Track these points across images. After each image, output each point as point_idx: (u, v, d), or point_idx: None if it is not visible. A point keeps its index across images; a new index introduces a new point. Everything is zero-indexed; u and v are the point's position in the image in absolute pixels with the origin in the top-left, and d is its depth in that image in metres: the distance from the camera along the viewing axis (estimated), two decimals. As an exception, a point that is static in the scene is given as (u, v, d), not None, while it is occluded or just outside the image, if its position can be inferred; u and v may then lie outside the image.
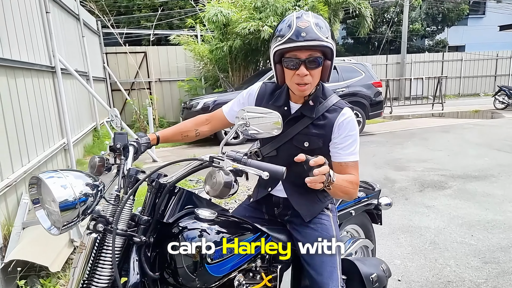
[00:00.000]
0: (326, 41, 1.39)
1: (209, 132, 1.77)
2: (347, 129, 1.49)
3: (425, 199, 4.45)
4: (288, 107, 1.57)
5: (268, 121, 1.27)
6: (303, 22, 1.39)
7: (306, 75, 1.41)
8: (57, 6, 6.38)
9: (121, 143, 1.44)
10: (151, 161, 6.48)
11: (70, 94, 6.55)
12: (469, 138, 7.94)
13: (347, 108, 1.53)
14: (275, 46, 1.43)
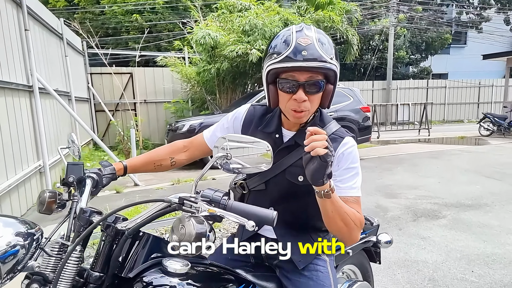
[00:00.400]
0: (330, 62, 1.19)
1: (186, 161, 1.54)
2: (348, 160, 1.27)
3: (419, 230, 4.24)
4: (280, 135, 1.36)
5: (255, 152, 1.05)
6: (304, 38, 1.18)
7: (304, 100, 1.21)
8: (39, 24, 6.19)
9: (75, 175, 1.21)
10: (132, 185, 6.16)
11: (50, 114, 6.27)
12: (459, 164, 7.86)
13: (348, 137, 1.31)
14: (269, 65, 1.22)
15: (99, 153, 8.52)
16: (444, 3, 23.86)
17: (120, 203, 5.08)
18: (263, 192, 1.37)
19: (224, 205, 0.96)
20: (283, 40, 1.21)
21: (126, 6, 14.95)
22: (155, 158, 1.48)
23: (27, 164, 4.98)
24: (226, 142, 1.05)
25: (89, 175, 1.24)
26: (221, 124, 1.48)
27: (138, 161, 1.46)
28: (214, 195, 0.98)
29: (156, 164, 1.48)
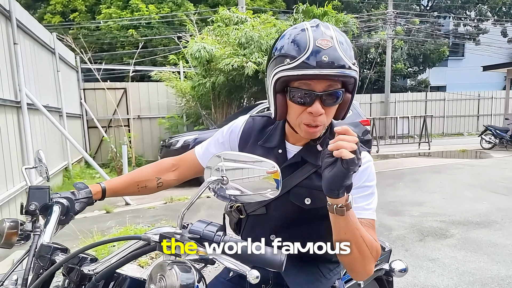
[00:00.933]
0: (353, 68, 0.99)
1: (175, 181, 1.33)
2: (363, 177, 1.08)
3: (427, 251, 3.97)
4: (284, 150, 1.17)
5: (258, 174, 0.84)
6: (324, 39, 0.98)
7: (321, 114, 1.02)
8: (29, 38, 6.01)
9: (38, 202, 1.01)
10: (123, 204, 5.89)
11: (39, 131, 6.06)
12: (462, 179, 7.61)
13: (364, 152, 1.10)
14: (280, 71, 1.00)
15: (90, 171, 8.25)
16: (441, 15, 24.00)
17: (109, 224, 4.80)
18: (263, 217, 1.18)
19: (217, 244, 0.78)
20: (296, 41, 1.00)
21: (122, 22, 14.91)
22: (139, 179, 1.27)
23: (12, 184, 4.72)
24: (221, 162, 0.86)
25: (58, 201, 1.04)
26: (215, 139, 1.29)
27: (119, 183, 1.26)
28: (206, 230, 0.80)
29: (140, 185, 1.27)
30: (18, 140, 5.08)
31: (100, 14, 15.30)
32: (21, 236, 1.00)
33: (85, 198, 1.13)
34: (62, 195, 1.08)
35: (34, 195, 1.02)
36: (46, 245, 0.92)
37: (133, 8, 15.10)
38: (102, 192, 1.20)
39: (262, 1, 17.69)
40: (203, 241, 0.78)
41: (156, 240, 0.79)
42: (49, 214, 1.01)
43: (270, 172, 0.84)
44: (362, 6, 21.78)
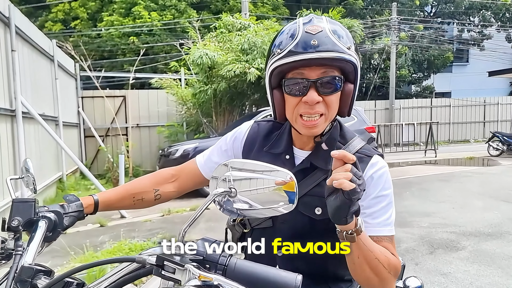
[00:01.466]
0: (348, 52, 0.94)
1: (175, 193, 1.23)
2: (378, 186, 1.01)
3: (438, 264, 3.77)
4: (291, 155, 1.10)
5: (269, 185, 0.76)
6: (314, 26, 0.95)
7: (318, 102, 0.96)
8: (28, 45, 5.92)
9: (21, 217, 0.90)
10: (118, 217, 5.67)
11: (33, 141, 5.91)
12: (471, 187, 7.39)
13: (377, 156, 1.05)
14: (272, 63, 0.98)
15: (85, 182, 8.04)
16: (445, 22, 23.89)
17: (103, 238, 4.59)
18: (270, 231, 1.09)
19: (224, 267, 0.70)
20: (288, 34, 0.98)
21: (124, 29, 14.87)
22: (135, 191, 1.18)
23: (3, 197, 4.55)
24: (229, 171, 0.78)
25: (44, 215, 0.94)
26: (218, 147, 1.22)
27: (113, 195, 1.16)
28: (210, 250, 0.72)
29: (136, 198, 1.17)
30: (11, 150, 4.92)
31: (101, 22, 15.27)
32: (2, 255, 0.89)
33: (75, 212, 1.03)
34: (49, 208, 0.98)
35: (18, 209, 0.91)
36: (27, 267, 0.81)
37: (136, 15, 15.06)
38: (95, 205, 1.10)
39: (266, 7, 17.64)
40: (207, 263, 0.70)
41: (153, 262, 0.70)
42: (33, 230, 0.90)
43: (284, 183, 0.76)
44: (366, 12, 21.71)
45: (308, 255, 1.05)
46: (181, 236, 0.72)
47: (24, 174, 1.11)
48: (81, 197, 1.08)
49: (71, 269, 0.76)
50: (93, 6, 15.49)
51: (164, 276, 0.71)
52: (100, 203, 1.11)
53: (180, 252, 0.71)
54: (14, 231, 0.90)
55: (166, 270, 0.70)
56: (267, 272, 0.70)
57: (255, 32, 8.90)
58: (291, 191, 0.76)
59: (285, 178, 0.76)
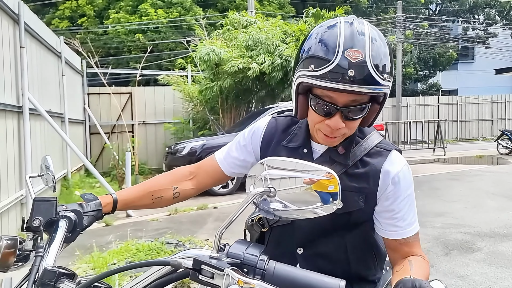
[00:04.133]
0: (382, 84, 0.90)
1: (194, 191, 1.20)
2: (405, 187, 1.01)
3: (454, 266, 3.68)
4: (309, 149, 1.09)
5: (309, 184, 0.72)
6: (354, 52, 0.87)
7: (340, 128, 0.95)
8: (36, 41, 5.89)
9: (43, 216, 0.86)
10: (124, 216, 5.59)
11: (39, 137, 5.87)
12: (483, 186, 7.29)
13: (395, 152, 1.05)
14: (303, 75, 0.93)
15: (90, 179, 7.97)
16: (450, 19, 23.72)
17: (109, 238, 4.52)
18: (289, 228, 1.08)
19: (262, 271, 0.68)
20: (324, 43, 0.91)
21: (130, 26, 14.84)
22: (154, 188, 1.15)
23: (7, 194, 4.48)
24: (266, 170, 0.75)
25: (64, 215, 0.91)
26: (236, 142, 1.21)
27: (132, 193, 1.14)
28: (247, 253, 0.69)
29: (155, 196, 1.14)
30: (16, 146, 4.88)
31: (108, 19, 15.27)
32: (19, 256, 0.86)
33: (94, 211, 1.00)
34: (69, 207, 0.95)
35: (39, 209, 0.87)
36: (50, 270, 0.77)
37: (142, 13, 15.05)
38: (114, 204, 1.06)
39: (272, 6, 17.56)
40: (245, 267, 0.68)
41: (189, 266, 0.68)
42: (54, 230, 0.87)
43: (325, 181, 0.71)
44: (371, 10, 21.58)
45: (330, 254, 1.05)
46: (217, 239, 0.69)
47: (44, 171, 1.08)
48: (99, 195, 1.06)
49: (101, 273, 0.75)
50: (100, 3, 15.50)
51: (201, 281, 0.68)
52: (118, 202, 1.07)
53: (216, 255, 0.68)
54: (35, 232, 0.87)
55: (204, 274, 0.67)
56: (309, 277, 0.67)
57: (259, 28, 8.91)
58: (333, 191, 0.71)
59: (326, 176, 0.72)
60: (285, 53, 8.20)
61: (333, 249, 1.06)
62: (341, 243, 1.07)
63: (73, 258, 3.59)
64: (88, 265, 3.37)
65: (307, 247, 1.06)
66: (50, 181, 1.06)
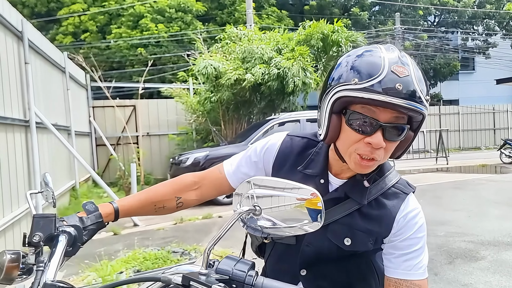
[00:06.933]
0: (425, 104, 0.88)
1: (197, 201, 1.17)
2: (412, 228, 0.98)
3: (458, 275, 3.67)
4: (326, 180, 1.03)
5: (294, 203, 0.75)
6: (401, 67, 0.86)
7: (380, 147, 0.89)
8: (40, 57, 6.01)
9: (43, 232, 0.89)
10: (131, 225, 5.65)
11: (46, 150, 5.96)
12: (486, 195, 7.28)
13: (412, 196, 1.02)
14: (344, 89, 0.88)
15: (97, 190, 8.08)
16: (449, 31, 23.91)
17: (117, 247, 4.57)
18: (294, 248, 1.05)
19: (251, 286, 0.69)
20: (367, 60, 0.88)
21: (132, 41, 15.05)
22: (157, 198, 1.12)
23: (18, 205, 4.56)
24: (252, 189, 0.77)
25: (64, 230, 0.92)
26: (246, 157, 1.15)
27: (134, 202, 1.11)
28: (235, 269, 0.70)
29: (158, 206, 1.12)
30: (25, 159, 4.96)
31: (110, 34, 15.48)
32: (22, 270, 0.87)
33: (94, 224, 0.99)
34: (69, 222, 0.96)
35: (39, 225, 0.90)
36: (50, 284, 0.80)
37: (143, 27, 15.27)
38: (115, 214, 1.05)
39: (271, 19, 17.78)
40: (233, 282, 0.69)
41: (179, 282, 0.70)
42: (54, 245, 0.89)
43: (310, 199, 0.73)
44: (370, 23, 21.79)
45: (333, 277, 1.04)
46: (205, 256, 0.71)
47: (44, 188, 1.10)
48: (100, 204, 1.05)
49: None
50: (102, 19, 15.72)
51: None
52: (120, 211, 1.06)
53: (205, 271, 0.70)
54: (35, 246, 0.89)
55: None
56: None
57: (249, 40, 9.14)
58: (316, 208, 0.73)
59: (309, 195, 0.74)
60: (283, 64, 8.34)
61: (336, 272, 1.05)
62: (344, 267, 1.06)
63: (82, 266, 3.62)
64: (96, 273, 3.41)
65: (310, 270, 1.05)
66: (50, 197, 1.08)
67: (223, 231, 0.72)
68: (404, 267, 0.96)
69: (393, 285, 0.97)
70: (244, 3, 14.54)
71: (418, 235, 0.97)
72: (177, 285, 0.71)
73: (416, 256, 0.96)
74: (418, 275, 0.95)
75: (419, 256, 0.97)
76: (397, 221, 0.97)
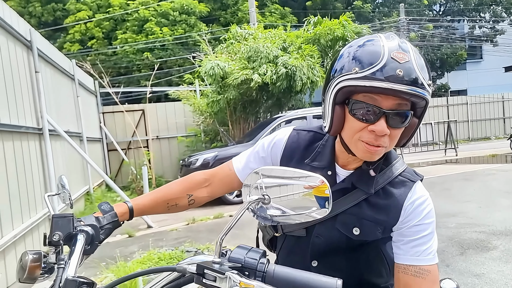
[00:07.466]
0: (427, 89, 0.89)
1: (208, 198, 1.21)
2: (419, 214, 0.98)
3: (470, 265, 3.69)
4: (334, 172, 1.05)
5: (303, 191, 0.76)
6: (400, 52, 0.87)
7: (385, 135, 0.90)
8: (50, 66, 6.12)
9: (62, 231, 0.92)
10: (145, 227, 5.77)
11: (60, 156, 6.08)
12: (496, 186, 7.24)
13: (420, 184, 1.03)
14: (345, 79, 0.90)
15: (111, 194, 8.22)
16: (455, 19, 23.61)
17: (132, 248, 4.69)
18: (304, 240, 1.07)
19: (263, 273, 0.70)
20: (367, 49, 0.90)
21: (137, 45, 15.19)
22: (169, 197, 1.15)
23: (36, 211, 4.70)
24: (260, 179, 0.78)
25: (82, 229, 0.96)
26: (254, 152, 1.17)
27: (147, 201, 1.14)
28: (247, 257, 0.72)
29: (170, 204, 1.15)
30: (40, 166, 5.08)
31: (116, 40, 15.65)
32: (44, 269, 0.91)
33: (111, 223, 1.03)
34: (86, 222, 1.00)
35: (58, 224, 0.94)
36: (71, 280, 0.83)
37: (148, 31, 15.41)
38: (130, 213, 1.09)
39: (274, 17, 17.79)
40: (246, 270, 0.70)
41: (193, 271, 0.72)
42: (73, 244, 0.93)
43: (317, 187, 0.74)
44: (374, 15, 21.65)
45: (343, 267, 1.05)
46: (218, 245, 0.72)
47: (60, 190, 1.13)
48: (115, 204, 1.09)
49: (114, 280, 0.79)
50: (107, 25, 15.89)
51: (205, 284, 0.71)
52: (135, 211, 1.10)
53: (218, 260, 0.72)
54: (55, 246, 0.93)
55: (207, 278, 0.71)
56: (307, 277, 0.70)
57: (254, 39, 9.13)
58: (324, 196, 0.74)
59: (317, 182, 0.75)
60: (291, 62, 8.34)
61: (346, 263, 1.06)
62: (354, 257, 1.07)
63: (99, 268, 3.72)
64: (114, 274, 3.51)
65: (321, 261, 1.06)
66: (67, 199, 1.11)
67: (234, 220, 0.73)
68: (413, 253, 0.96)
69: (402, 271, 0.97)
70: (246, 2, 14.59)
71: (426, 221, 0.97)
72: (192, 274, 0.73)
73: (425, 242, 0.96)
74: (427, 260, 0.95)
75: (427, 242, 0.96)
76: (404, 209, 0.98)
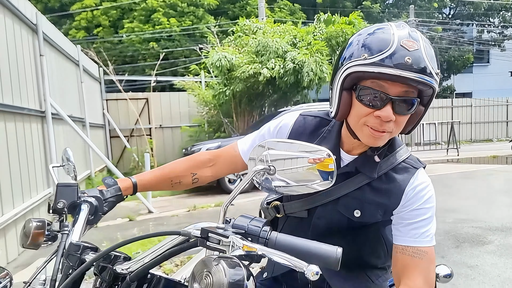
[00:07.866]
0: (435, 78, 0.89)
1: (211, 177, 1.23)
2: (420, 199, 1.00)
3: (465, 257, 3.73)
4: (338, 157, 1.06)
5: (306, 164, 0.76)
6: (410, 41, 0.88)
7: (390, 120, 0.91)
8: (55, 50, 6.15)
9: (66, 200, 0.95)
10: (146, 212, 5.82)
11: (62, 140, 6.13)
12: (496, 185, 7.27)
13: (422, 170, 1.05)
14: (354, 65, 0.90)
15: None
16: (464, 23, 23.51)
17: (133, 232, 4.74)
18: (305, 222, 1.10)
19: (265, 239, 0.72)
20: (377, 37, 0.90)
21: (144, 35, 15.21)
22: (174, 174, 1.18)
23: (36, 192, 4.75)
24: (266, 151, 0.78)
25: (86, 200, 0.99)
26: (260, 135, 1.18)
27: (151, 177, 1.16)
28: (251, 224, 0.74)
29: (174, 181, 1.18)
30: (42, 148, 5.13)
31: (123, 29, 15.67)
32: (48, 236, 0.95)
33: (114, 196, 1.05)
34: (90, 193, 1.02)
35: (62, 193, 0.96)
36: (75, 244, 0.87)
37: (155, 22, 15.41)
38: (134, 188, 1.11)
39: (283, 12, 17.75)
40: (249, 236, 0.72)
41: (198, 235, 0.72)
42: (77, 213, 0.96)
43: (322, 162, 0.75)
44: (383, 16, 21.55)
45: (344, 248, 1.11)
46: (222, 212, 0.74)
47: (65, 162, 1.15)
48: (119, 179, 1.11)
49: (119, 242, 0.80)
50: (114, 14, 15.91)
51: (209, 246, 0.72)
52: (138, 186, 1.11)
53: (222, 225, 0.73)
54: (59, 213, 0.95)
55: (211, 241, 0.72)
56: (308, 245, 0.72)
57: (264, 34, 9.11)
58: (328, 170, 0.75)
59: (324, 155, 0.75)
60: (299, 57, 8.33)
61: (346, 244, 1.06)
62: (354, 239, 1.08)
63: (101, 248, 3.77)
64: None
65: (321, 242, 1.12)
66: (71, 171, 1.12)
67: (239, 188, 0.74)
68: (411, 235, 0.98)
69: (400, 251, 0.99)
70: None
71: (426, 206, 1.00)
72: (197, 238, 0.74)
73: (424, 225, 0.99)
74: (425, 242, 0.98)
75: (427, 225, 0.99)
76: (406, 194, 1.00)
